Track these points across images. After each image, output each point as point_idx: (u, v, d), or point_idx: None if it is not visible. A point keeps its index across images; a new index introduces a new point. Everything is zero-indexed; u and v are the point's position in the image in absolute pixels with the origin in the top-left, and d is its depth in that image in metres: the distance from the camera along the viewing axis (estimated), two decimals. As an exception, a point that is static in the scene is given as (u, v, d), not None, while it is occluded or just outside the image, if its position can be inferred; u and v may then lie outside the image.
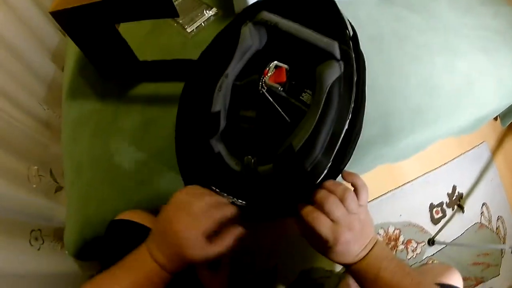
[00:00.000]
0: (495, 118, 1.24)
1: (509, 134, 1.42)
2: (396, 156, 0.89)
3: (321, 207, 0.44)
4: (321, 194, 0.45)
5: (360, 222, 0.45)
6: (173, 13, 0.55)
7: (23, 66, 0.97)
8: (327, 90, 0.48)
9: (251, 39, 0.58)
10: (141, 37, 0.86)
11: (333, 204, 0.44)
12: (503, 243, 1.28)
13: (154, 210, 0.68)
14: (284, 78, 0.57)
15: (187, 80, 0.61)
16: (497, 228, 1.28)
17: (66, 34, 0.72)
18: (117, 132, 0.79)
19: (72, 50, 0.94)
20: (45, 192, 0.91)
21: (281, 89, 0.57)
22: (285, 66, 0.58)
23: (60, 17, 0.60)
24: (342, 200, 0.44)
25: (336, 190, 0.45)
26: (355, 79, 0.51)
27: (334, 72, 0.49)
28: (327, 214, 0.43)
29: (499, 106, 0.94)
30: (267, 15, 0.58)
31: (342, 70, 0.50)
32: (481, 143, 1.38)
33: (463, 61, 0.88)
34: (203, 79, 0.58)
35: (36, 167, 0.90)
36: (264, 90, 0.57)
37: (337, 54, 0.51)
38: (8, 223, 0.72)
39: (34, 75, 1.02)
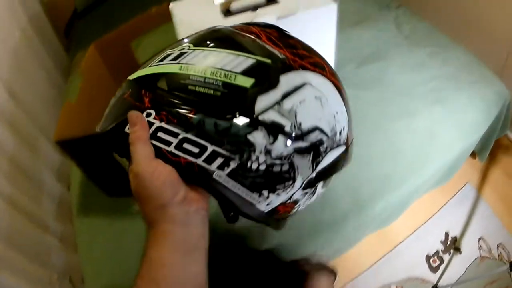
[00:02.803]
0: (474, 156, 1.26)
1: (490, 166, 1.44)
2: (379, 221, 0.90)
3: None
4: None
5: None
6: None
7: (35, 186, 1.07)
8: None
9: None
10: None
11: None
12: (508, 266, 1.26)
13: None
14: None
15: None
16: (499, 255, 1.26)
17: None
18: (128, 237, 0.83)
19: (76, 172, 1.01)
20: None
21: None
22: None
23: (64, 145, 0.69)
24: None
25: None
26: None
27: None
28: None
29: (466, 147, 0.97)
30: None
31: None
32: (464, 185, 1.40)
33: (421, 119, 0.92)
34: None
35: (56, 275, 0.97)
36: None
37: None
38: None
39: (46, 194, 1.12)
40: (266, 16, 0.76)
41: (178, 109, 0.34)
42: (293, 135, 0.35)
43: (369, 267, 1.24)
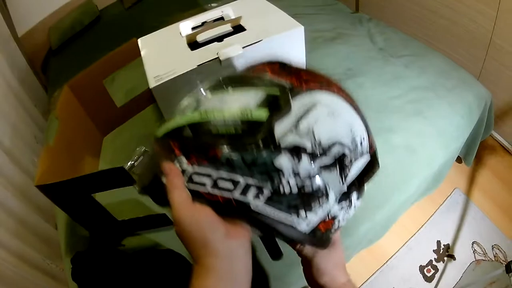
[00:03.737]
0: (460, 162, 1.26)
1: (478, 169, 1.43)
2: (366, 242, 0.89)
3: None
4: None
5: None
6: (132, 183, 0.65)
7: (24, 226, 1.09)
8: None
9: None
10: (114, 198, 0.91)
11: None
12: (506, 265, 1.24)
13: None
14: None
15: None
16: (495, 256, 1.25)
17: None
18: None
19: (61, 212, 0.99)
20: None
21: None
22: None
23: (45, 189, 0.71)
24: None
25: None
26: None
27: None
28: None
29: (449, 155, 0.96)
30: None
31: None
32: (452, 191, 1.39)
33: (400, 135, 0.91)
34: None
35: None
36: None
37: None
38: None
39: (34, 234, 1.14)
40: (233, 46, 0.76)
41: (206, 151, 0.36)
42: (316, 152, 0.37)
43: (362, 283, 1.22)
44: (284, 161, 0.36)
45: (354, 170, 0.41)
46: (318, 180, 0.37)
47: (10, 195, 1.08)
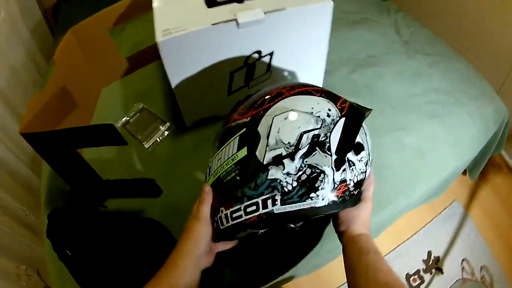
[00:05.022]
0: (464, 173, 1.21)
1: (480, 184, 1.40)
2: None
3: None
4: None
5: None
6: (121, 142, 0.64)
7: (5, 172, 1.04)
8: None
9: None
10: (103, 154, 0.89)
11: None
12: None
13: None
14: None
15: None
16: (482, 278, 1.23)
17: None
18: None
19: (45, 163, 0.94)
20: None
21: None
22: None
23: (29, 138, 0.67)
24: None
25: None
26: None
27: None
28: None
29: (459, 166, 0.91)
30: None
31: None
32: (451, 202, 1.35)
33: (413, 135, 0.86)
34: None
35: (24, 267, 0.97)
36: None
37: None
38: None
39: (15, 180, 1.08)
40: (254, 9, 0.69)
41: (229, 196, 0.51)
42: (290, 152, 0.47)
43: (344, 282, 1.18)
44: (273, 172, 0.48)
45: (334, 137, 0.49)
46: (308, 167, 0.47)
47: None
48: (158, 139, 0.91)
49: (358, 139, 0.51)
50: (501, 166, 1.43)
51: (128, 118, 0.95)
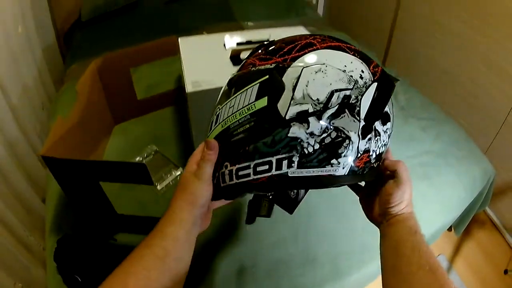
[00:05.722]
0: (449, 229, 1.28)
1: (465, 239, 1.46)
2: (355, 285, 0.88)
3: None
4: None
5: None
6: (149, 182, 0.64)
7: (10, 188, 1.05)
8: None
9: None
10: (116, 189, 0.89)
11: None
12: None
13: None
14: None
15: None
16: None
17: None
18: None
19: (54, 187, 0.94)
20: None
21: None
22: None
23: (49, 162, 0.65)
24: None
25: None
26: None
27: None
28: None
29: (445, 222, 0.97)
30: None
31: None
32: (437, 256, 1.38)
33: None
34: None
35: (20, 285, 0.98)
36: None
37: None
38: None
39: (20, 202, 1.09)
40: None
41: (237, 151, 0.44)
42: (318, 109, 0.41)
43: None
44: (295, 129, 0.41)
45: (365, 102, 0.43)
46: (334, 129, 0.42)
47: (4, 153, 1.04)
48: (170, 183, 0.92)
49: (386, 108, 0.46)
50: (484, 222, 1.50)
51: (141, 159, 0.98)
